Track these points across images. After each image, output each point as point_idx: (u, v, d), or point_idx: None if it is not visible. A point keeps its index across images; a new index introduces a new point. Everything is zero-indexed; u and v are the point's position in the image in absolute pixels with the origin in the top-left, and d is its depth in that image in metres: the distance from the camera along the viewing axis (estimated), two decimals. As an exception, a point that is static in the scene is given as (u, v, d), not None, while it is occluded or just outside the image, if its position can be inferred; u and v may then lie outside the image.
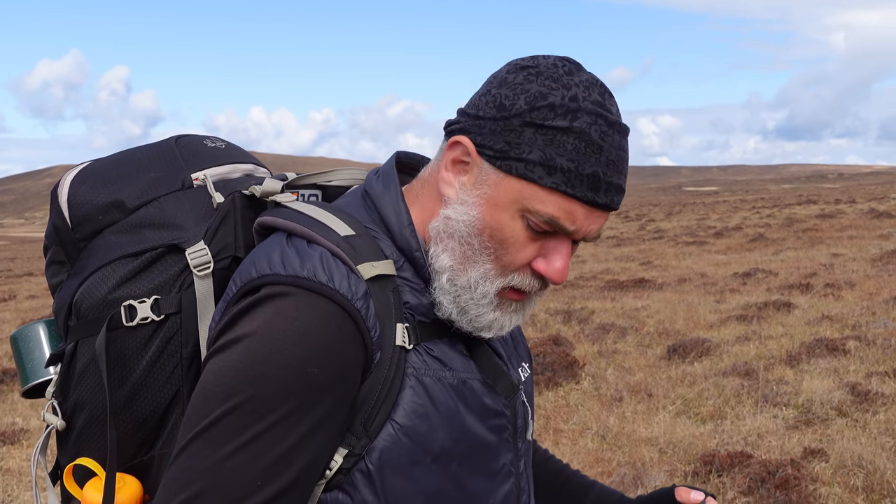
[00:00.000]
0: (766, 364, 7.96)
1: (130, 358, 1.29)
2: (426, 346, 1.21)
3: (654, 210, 57.17)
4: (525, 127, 1.16)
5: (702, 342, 8.75)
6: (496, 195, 1.18)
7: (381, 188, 1.28)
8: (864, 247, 18.56)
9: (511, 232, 1.18)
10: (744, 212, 43.63)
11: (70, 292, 1.35)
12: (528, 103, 1.16)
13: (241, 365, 1.10)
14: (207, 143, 1.48)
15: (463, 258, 1.20)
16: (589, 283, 15.55)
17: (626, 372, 8.18)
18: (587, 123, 1.15)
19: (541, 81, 1.17)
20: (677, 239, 26.35)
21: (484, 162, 1.19)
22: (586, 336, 9.97)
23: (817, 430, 6.14)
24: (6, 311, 16.70)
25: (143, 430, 1.31)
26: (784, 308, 10.82)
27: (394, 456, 1.15)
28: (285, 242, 1.20)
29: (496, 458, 1.26)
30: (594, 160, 1.15)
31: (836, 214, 32.44)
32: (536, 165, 1.15)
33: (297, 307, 1.13)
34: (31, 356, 1.48)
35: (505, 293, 1.22)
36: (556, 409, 7.02)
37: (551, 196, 1.15)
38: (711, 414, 6.66)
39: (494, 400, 1.26)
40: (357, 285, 1.15)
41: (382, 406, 1.15)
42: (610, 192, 1.17)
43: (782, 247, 20.69)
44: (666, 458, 5.77)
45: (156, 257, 1.31)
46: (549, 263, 1.19)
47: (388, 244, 1.24)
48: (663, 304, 12.13)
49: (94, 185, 1.38)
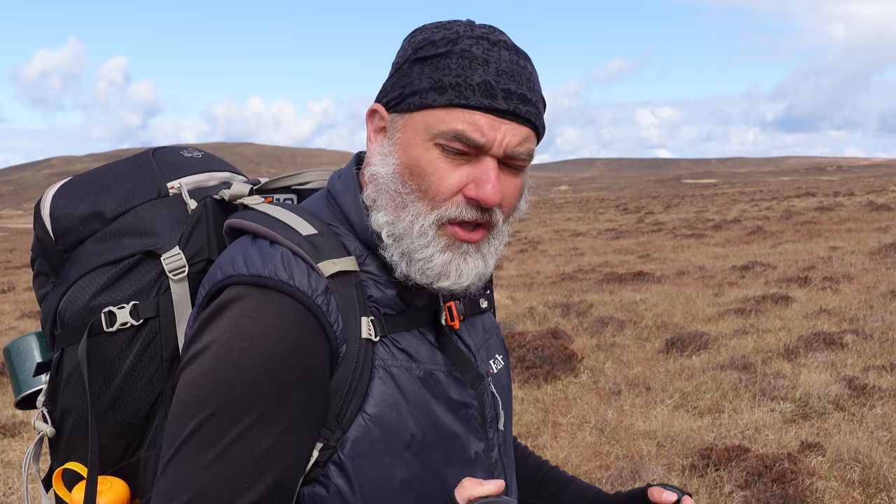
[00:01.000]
0: (764, 358, 7.98)
1: (112, 362, 1.34)
2: (393, 338, 1.24)
3: (653, 202, 57.16)
4: (413, 66, 1.23)
5: (700, 335, 8.78)
6: (406, 136, 1.23)
7: (341, 186, 1.32)
8: (862, 240, 18.58)
9: (428, 162, 1.21)
10: (742, 204, 43.64)
11: (55, 302, 1.40)
12: (414, 48, 1.24)
13: (212, 371, 1.13)
14: (184, 154, 1.54)
15: (395, 208, 1.24)
16: (587, 275, 15.57)
17: (625, 365, 8.21)
18: (469, 44, 1.21)
19: (425, 32, 1.26)
20: (676, 231, 26.37)
21: (393, 115, 1.26)
22: (584, 329, 9.99)
23: (814, 423, 6.16)
24: (5, 302, 16.70)
25: (128, 433, 1.35)
26: (782, 301, 10.84)
27: (366, 446, 1.18)
28: (249, 244, 1.24)
29: (466, 447, 1.29)
30: (481, 71, 1.20)
31: (834, 207, 32.46)
32: (428, 91, 1.21)
33: (258, 307, 1.16)
34: (23, 367, 1.52)
35: (448, 229, 1.23)
36: (555, 403, 7.05)
37: (450, 113, 1.20)
38: (709, 407, 6.68)
39: (460, 390, 1.29)
40: (317, 282, 1.19)
41: (353, 398, 1.18)
42: (511, 100, 1.20)
43: (781, 240, 20.71)
44: (664, 451, 5.80)
45: (133, 264, 1.36)
46: (478, 185, 1.21)
47: (352, 240, 1.27)
48: (662, 297, 12.16)
49: (74, 198, 1.43)
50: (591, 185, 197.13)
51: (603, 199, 79.36)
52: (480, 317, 1.46)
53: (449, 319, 1.33)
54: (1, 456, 6.46)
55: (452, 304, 1.35)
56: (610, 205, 58.94)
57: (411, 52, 1.24)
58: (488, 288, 1.51)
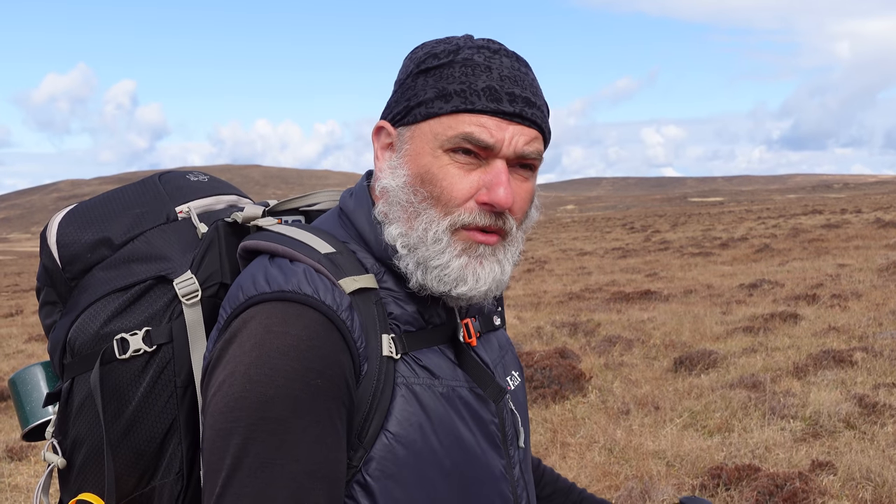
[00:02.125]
0: (773, 376, 7.94)
1: (125, 390, 1.31)
2: (414, 355, 1.23)
3: (660, 221, 57.12)
4: (416, 79, 1.25)
5: (708, 354, 8.74)
6: (415, 146, 1.24)
7: (354, 204, 1.32)
8: (870, 257, 18.51)
9: (439, 169, 1.22)
10: (749, 222, 43.57)
11: (63, 330, 1.38)
12: (416, 63, 1.26)
13: (245, 392, 1.11)
14: (190, 178, 1.53)
15: (408, 218, 1.24)
16: (595, 294, 15.53)
17: (633, 384, 8.17)
18: (470, 53, 1.23)
19: (426, 48, 1.27)
20: (683, 250, 26.31)
21: (399, 129, 1.27)
22: (592, 348, 9.96)
23: (825, 442, 6.12)
24: (13, 325, 16.74)
25: (142, 462, 1.32)
26: (790, 319, 10.79)
27: (390, 466, 1.17)
28: (268, 263, 1.23)
29: (489, 465, 1.28)
30: (485, 77, 1.21)
31: (841, 224, 32.38)
32: (433, 100, 1.22)
33: (284, 321, 1.15)
34: (29, 398, 1.50)
35: (464, 234, 1.23)
36: (563, 423, 7.01)
37: (457, 118, 1.21)
38: (719, 426, 6.64)
39: (483, 408, 1.28)
40: (341, 298, 1.18)
41: (374, 417, 1.17)
42: (515, 102, 1.22)
43: (788, 257, 20.65)
44: (673, 471, 5.76)
45: (145, 290, 1.35)
46: (490, 189, 1.22)
47: (368, 257, 1.27)
48: (669, 315, 12.12)
49: (81, 225, 1.42)
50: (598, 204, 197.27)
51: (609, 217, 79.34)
52: (495, 333, 1.45)
53: (466, 336, 1.31)
54: (8, 480, 6.45)
55: (469, 321, 1.34)
56: (616, 224, 58.90)
57: (413, 67, 1.26)
58: (500, 304, 1.51)
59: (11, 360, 12.01)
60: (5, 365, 11.55)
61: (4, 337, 14.92)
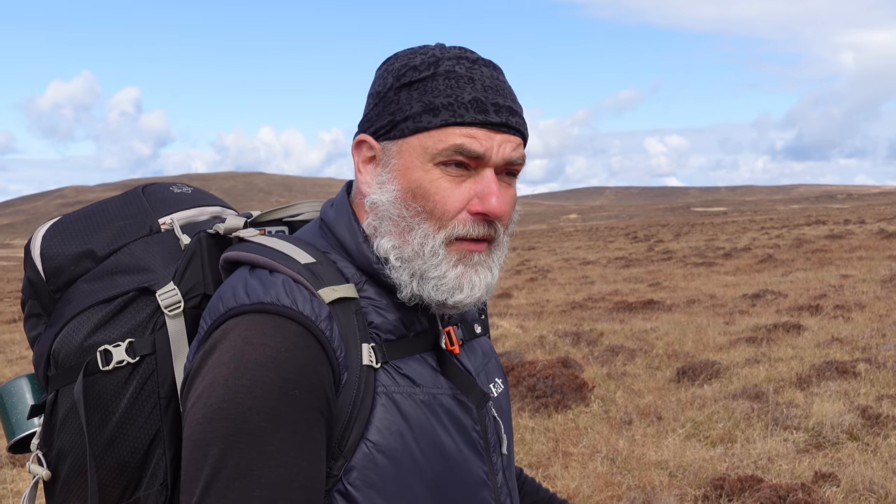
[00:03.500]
0: (776, 387, 7.92)
1: (109, 401, 1.32)
2: (395, 364, 1.24)
3: (663, 231, 57.10)
4: (399, 92, 1.25)
5: (711, 364, 8.72)
6: (404, 161, 1.24)
7: (334, 214, 1.33)
8: (873, 268, 18.49)
9: (430, 183, 1.23)
10: (752, 232, 43.54)
11: (48, 342, 1.38)
12: (395, 76, 1.26)
13: (224, 404, 1.11)
14: (174, 189, 1.54)
15: (401, 233, 1.25)
16: (597, 304, 15.52)
17: (636, 394, 8.16)
18: (450, 65, 1.24)
19: (401, 59, 1.28)
20: (686, 260, 26.30)
21: (383, 143, 1.27)
22: (595, 358, 9.95)
23: (828, 453, 6.10)
24: (16, 331, 16.75)
25: (126, 473, 1.33)
26: (794, 330, 10.78)
27: (371, 474, 1.17)
28: (248, 274, 1.24)
29: (471, 471, 1.28)
30: (469, 89, 1.23)
31: (845, 235, 32.34)
32: (421, 115, 1.22)
33: (263, 332, 1.15)
34: (15, 410, 1.49)
35: (458, 245, 1.25)
36: (566, 432, 7.00)
37: (446, 132, 1.22)
38: (721, 437, 6.63)
39: (465, 414, 1.29)
40: (320, 308, 1.19)
41: (355, 426, 1.17)
42: (501, 112, 1.24)
43: (791, 268, 20.63)
44: (676, 481, 5.74)
45: (128, 301, 1.36)
46: (482, 199, 1.23)
47: (349, 267, 1.27)
48: (672, 325, 12.10)
49: (64, 238, 1.43)
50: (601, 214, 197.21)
51: (612, 227, 79.34)
52: (478, 341, 1.46)
53: (448, 344, 1.32)
54: (11, 486, 6.45)
55: (451, 328, 1.35)
56: (619, 233, 58.89)
57: (392, 80, 1.26)
58: (483, 312, 1.52)
59: (14, 365, 12.02)
60: (8, 371, 11.56)
61: (7, 343, 14.94)
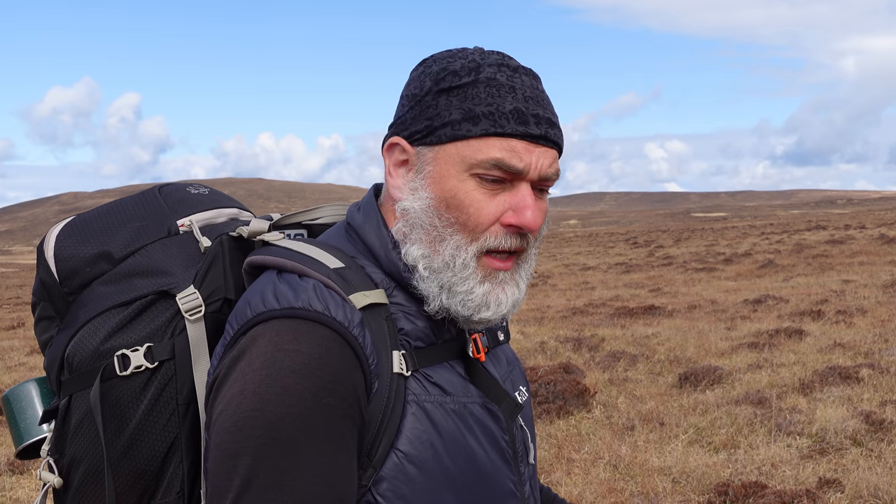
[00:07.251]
0: (779, 392, 7.89)
1: (126, 408, 1.28)
2: (425, 372, 1.21)
3: (663, 236, 57.08)
4: (438, 97, 1.21)
5: (713, 370, 8.69)
6: (439, 168, 1.21)
7: (362, 218, 1.30)
8: (875, 273, 18.46)
9: (465, 194, 1.20)
10: (753, 238, 43.52)
11: (61, 346, 1.34)
12: (434, 80, 1.22)
13: (255, 412, 1.08)
14: (191, 190, 1.50)
15: (432, 242, 1.22)
16: (599, 310, 15.49)
17: (638, 400, 8.13)
18: (492, 72, 1.21)
19: (440, 62, 1.24)
20: (686, 265, 26.27)
21: (418, 148, 1.23)
22: (597, 364, 9.91)
23: (832, 459, 6.07)
24: (15, 338, 16.71)
25: (142, 481, 1.29)
26: (796, 335, 10.75)
27: (401, 486, 1.14)
28: (277, 279, 1.20)
29: (501, 482, 1.25)
30: (510, 98, 1.19)
31: (846, 240, 32.31)
32: (461, 122, 1.19)
33: (295, 338, 1.12)
34: (23, 416, 1.45)
35: (486, 261, 1.22)
36: (568, 438, 6.97)
37: (486, 142, 1.19)
38: (724, 443, 6.59)
39: (494, 424, 1.26)
40: (352, 314, 1.16)
41: (385, 435, 1.15)
42: (541, 124, 1.21)
43: (792, 273, 20.60)
44: (679, 487, 5.71)
45: (146, 305, 1.32)
46: (517, 212, 1.21)
47: (377, 272, 1.24)
48: (674, 331, 12.07)
49: (79, 238, 1.38)
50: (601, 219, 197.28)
51: (613, 232, 79.32)
52: (501, 348, 1.43)
53: (475, 352, 1.29)
54: (10, 493, 6.42)
55: (477, 336, 1.32)
56: (620, 239, 58.86)
57: (431, 84, 1.23)
58: (504, 319, 1.49)
59: (13, 372, 11.98)
60: (7, 378, 11.52)
61: (6, 349, 14.89)
